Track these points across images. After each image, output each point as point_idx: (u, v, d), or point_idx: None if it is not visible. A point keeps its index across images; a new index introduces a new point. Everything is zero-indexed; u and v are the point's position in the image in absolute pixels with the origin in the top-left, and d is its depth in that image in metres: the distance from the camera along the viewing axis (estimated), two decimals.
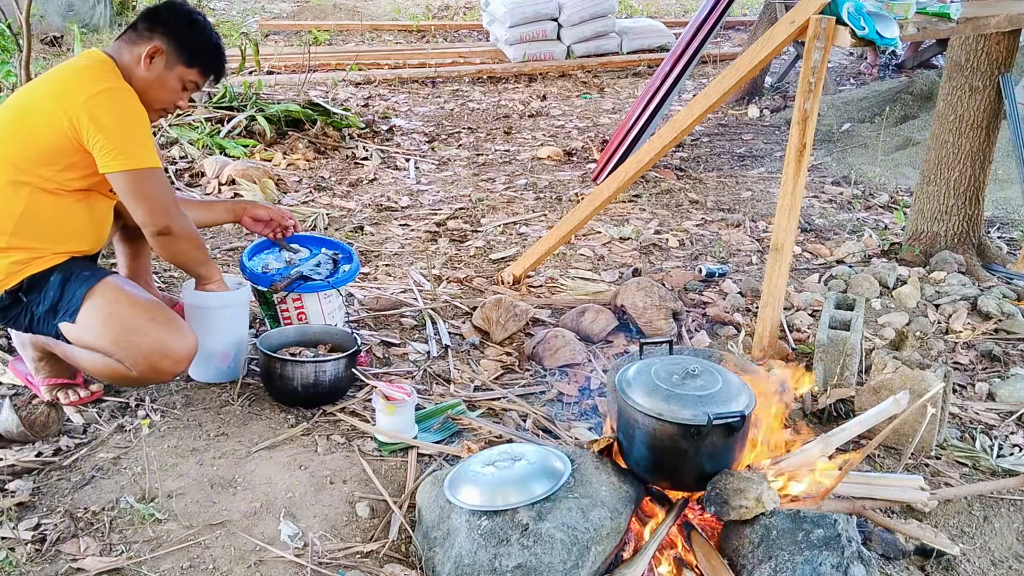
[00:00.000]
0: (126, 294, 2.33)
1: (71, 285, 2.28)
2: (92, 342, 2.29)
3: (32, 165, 2.23)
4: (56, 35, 7.13)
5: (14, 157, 2.24)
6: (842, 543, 1.79)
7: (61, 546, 1.98)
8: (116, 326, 2.27)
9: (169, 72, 2.36)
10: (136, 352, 2.26)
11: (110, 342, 2.26)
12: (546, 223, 4.20)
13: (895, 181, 4.95)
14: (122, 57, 2.33)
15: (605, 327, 3.08)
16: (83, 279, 2.30)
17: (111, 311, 2.28)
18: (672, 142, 3.08)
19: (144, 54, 2.31)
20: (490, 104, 6.60)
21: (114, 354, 2.27)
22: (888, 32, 2.57)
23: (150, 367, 2.28)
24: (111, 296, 2.30)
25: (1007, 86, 3.45)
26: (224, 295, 2.56)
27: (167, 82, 2.36)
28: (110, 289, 2.31)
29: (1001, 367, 2.98)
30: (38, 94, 2.30)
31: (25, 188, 2.23)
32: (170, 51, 2.34)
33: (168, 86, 2.37)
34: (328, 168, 4.89)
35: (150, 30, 2.34)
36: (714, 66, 7.69)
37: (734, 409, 1.91)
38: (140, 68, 2.32)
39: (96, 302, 2.28)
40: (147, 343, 2.27)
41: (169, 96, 2.40)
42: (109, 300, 2.29)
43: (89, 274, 2.32)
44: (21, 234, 2.25)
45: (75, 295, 2.27)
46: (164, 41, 2.33)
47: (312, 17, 9.09)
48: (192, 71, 2.39)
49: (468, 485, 1.95)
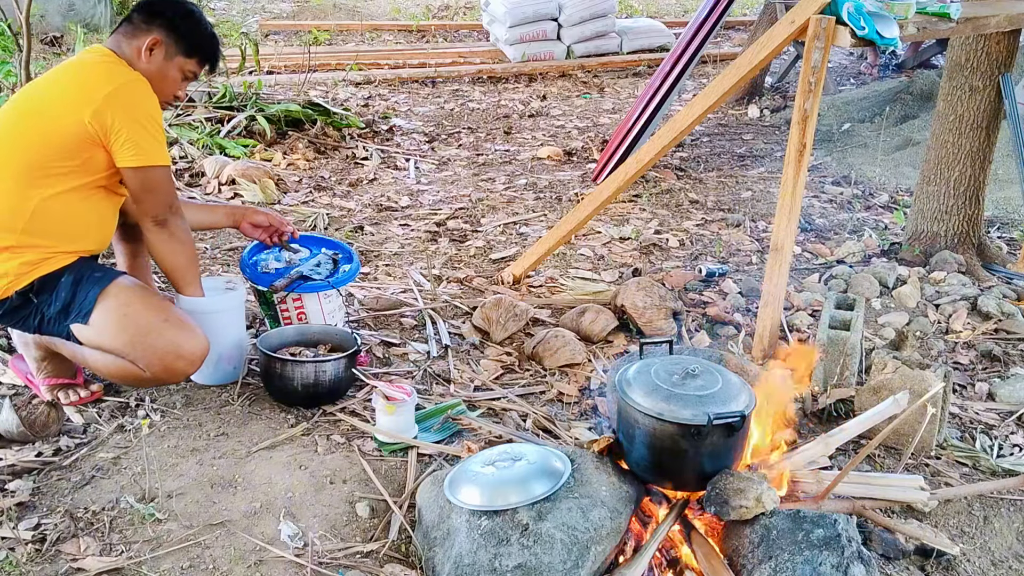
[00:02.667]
0: (139, 295, 2.34)
1: (83, 286, 2.28)
2: (106, 343, 2.29)
3: (45, 163, 2.23)
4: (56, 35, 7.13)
5: (27, 157, 2.24)
6: (842, 543, 1.79)
7: (61, 546, 1.98)
8: (131, 327, 2.27)
9: (169, 63, 2.38)
10: (151, 353, 2.27)
11: (124, 343, 2.27)
12: (546, 223, 4.20)
13: (895, 181, 4.95)
14: (122, 51, 2.35)
15: (605, 327, 3.08)
16: (95, 280, 2.30)
17: (125, 312, 2.28)
18: (672, 142, 3.08)
19: (144, 46, 2.33)
20: (490, 104, 6.60)
21: (128, 355, 2.28)
22: (888, 32, 2.57)
23: (164, 368, 2.29)
24: (124, 298, 2.30)
25: (1007, 86, 3.45)
26: (218, 299, 2.56)
27: (168, 73, 2.39)
28: (123, 291, 2.32)
29: (1001, 367, 2.98)
30: (54, 94, 2.30)
31: (36, 188, 2.24)
32: (169, 42, 2.36)
33: (169, 77, 2.39)
34: (328, 168, 4.89)
35: (147, 22, 2.35)
36: (714, 66, 7.69)
37: (734, 409, 1.91)
38: (141, 61, 2.34)
39: (109, 304, 2.28)
40: (161, 344, 2.27)
41: (170, 87, 2.42)
42: (123, 302, 2.29)
43: (101, 275, 2.33)
44: (31, 232, 2.25)
45: (88, 296, 2.27)
46: (162, 33, 2.35)
47: (312, 17, 9.09)
48: (191, 61, 2.42)
49: (468, 485, 1.95)
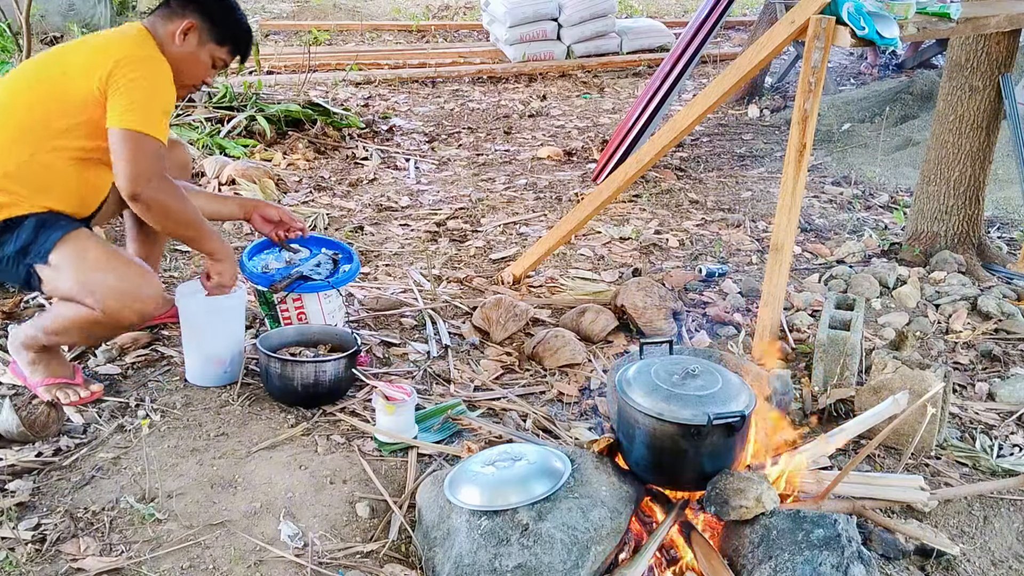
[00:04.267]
0: (100, 243, 2.37)
1: (45, 230, 2.31)
2: (62, 284, 2.31)
3: (48, 120, 2.27)
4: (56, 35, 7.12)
5: (34, 113, 2.28)
6: (842, 543, 1.79)
7: (61, 546, 1.98)
8: (88, 268, 2.29)
9: (201, 49, 2.43)
10: (105, 290, 2.27)
11: (82, 283, 2.28)
12: (546, 223, 4.20)
13: (895, 181, 4.95)
14: (157, 32, 2.40)
15: (605, 327, 3.08)
16: (59, 226, 2.32)
17: (84, 255, 2.31)
18: (672, 142, 3.08)
19: (179, 30, 2.38)
20: (490, 104, 6.60)
21: (81, 295, 2.29)
22: (888, 32, 2.57)
23: (119, 307, 2.29)
24: (85, 243, 2.33)
25: (1007, 86, 3.45)
26: (218, 299, 2.56)
27: (199, 58, 2.44)
28: (85, 237, 2.34)
29: (1001, 367, 2.98)
30: (78, 55, 2.33)
31: (33, 143, 2.28)
32: (203, 28, 2.42)
33: (199, 62, 2.45)
34: (328, 168, 4.89)
35: (183, 7, 2.41)
36: (714, 66, 7.69)
37: (734, 409, 1.91)
38: (174, 44, 2.39)
39: (69, 247, 2.30)
40: (120, 285, 2.29)
41: (199, 72, 2.47)
42: (82, 246, 2.32)
43: (66, 223, 2.34)
44: (12, 178, 2.28)
45: (48, 239, 2.30)
46: (197, 18, 2.40)
47: (312, 17, 9.09)
48: (223, 49, 2.47)
49: (468, 485, 1.95)
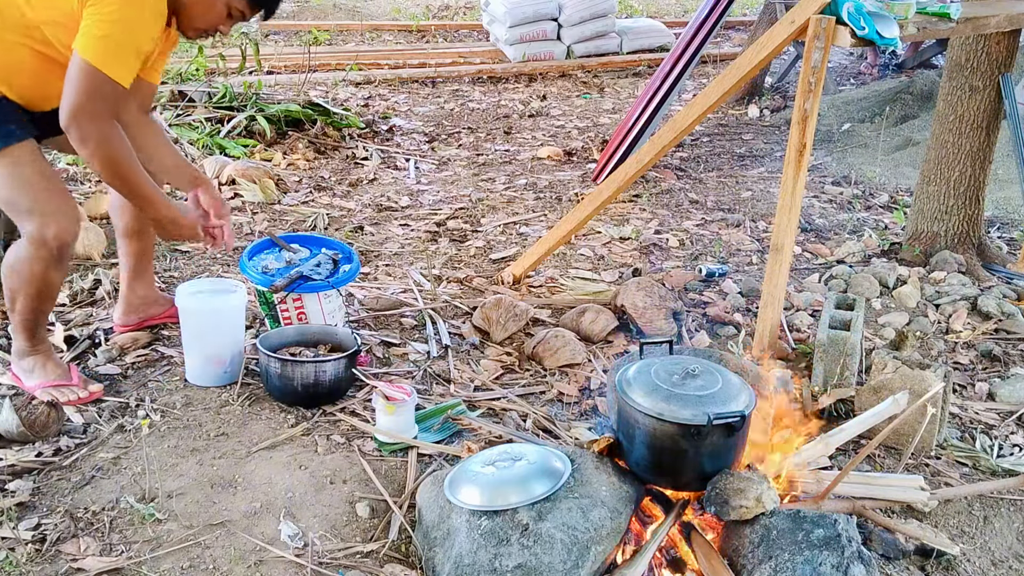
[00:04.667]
0: (40, 162, 2.33)
1: None
2: None
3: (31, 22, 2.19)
4: None
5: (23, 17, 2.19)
6: (842, 543, 1.79)
7: (61, 546, 1.98)
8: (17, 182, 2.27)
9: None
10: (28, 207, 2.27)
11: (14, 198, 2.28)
12: (546, 223, 4.20)
13: (895, 181, 4.95)
14: None
15: (605, 327, 3.08)
16: (6, 132, 2.27)
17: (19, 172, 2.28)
18: (672, 142, 3.08)
19: None
20: (490, 104, 6.60)
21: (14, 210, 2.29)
22: (888, 32, 2.57)
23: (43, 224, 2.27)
24: (26, 158, 2.29)
25: (1007, 86, 3.45)
26: (218, 299, 2.56)
27: (215, 3, 2.32)
28: (27, 152, 2.30)
29: (1001, 367, 2.98)
30: None
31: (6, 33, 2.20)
32: None
33: (215, 8, 2.33)
34: (328, 168, 4.89)
35: None
36: (714, 66, 7.69)
37: (734, 409, 1.91)
38: None
39: (8, 158, 2.27)
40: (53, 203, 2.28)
41: (212, 19, 2.35)
42: (20, 161, 2.28)
43: (15, 129, 2.29)
44: None
45: None
46: None
47: (312, 17, 9.09)
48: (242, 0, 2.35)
49: (468, 485, 1.95)
